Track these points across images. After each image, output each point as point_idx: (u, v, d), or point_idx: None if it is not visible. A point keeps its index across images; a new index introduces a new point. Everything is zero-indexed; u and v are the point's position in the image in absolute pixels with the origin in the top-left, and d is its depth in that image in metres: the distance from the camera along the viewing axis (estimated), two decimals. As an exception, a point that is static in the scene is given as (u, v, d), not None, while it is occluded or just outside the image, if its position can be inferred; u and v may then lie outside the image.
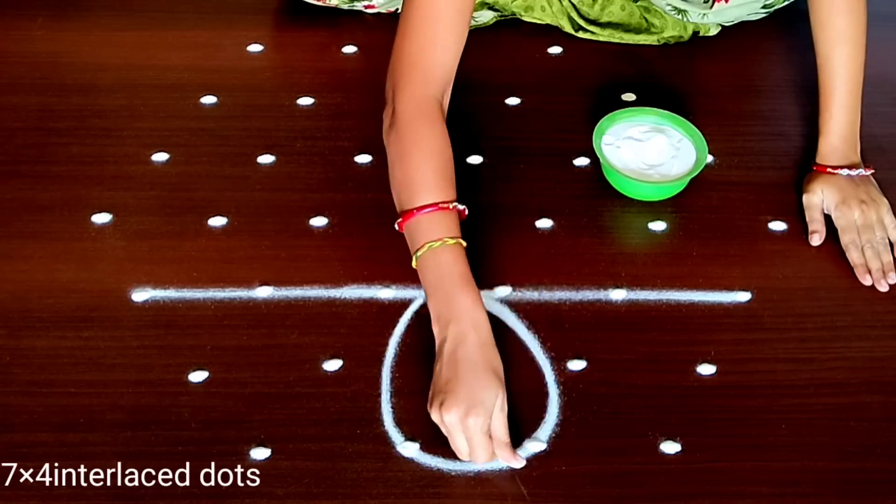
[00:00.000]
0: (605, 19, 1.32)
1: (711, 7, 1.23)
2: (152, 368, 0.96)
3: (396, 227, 0.97)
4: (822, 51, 1.12)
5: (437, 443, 0.90)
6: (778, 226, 1.11)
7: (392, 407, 0.93)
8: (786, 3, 1.27)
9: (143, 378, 0.95)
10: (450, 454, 0.90)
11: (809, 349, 0.99)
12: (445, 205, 0.94)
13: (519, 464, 0.89)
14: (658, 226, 1.10)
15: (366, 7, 1.33)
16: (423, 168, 0.97)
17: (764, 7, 1.27)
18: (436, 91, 1.01)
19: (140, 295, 1.02)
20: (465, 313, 0.90)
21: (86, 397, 0.93)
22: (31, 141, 1.17)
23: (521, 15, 1.33)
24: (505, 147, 1.18)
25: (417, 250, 0.94)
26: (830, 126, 1.12)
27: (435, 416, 0.88)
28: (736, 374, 0.97)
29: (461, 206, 0.97)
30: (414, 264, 0.95)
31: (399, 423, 0.92)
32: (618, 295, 1.03)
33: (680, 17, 1.27)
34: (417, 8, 1.00)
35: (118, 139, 1.18)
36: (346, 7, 1.33)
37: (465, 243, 0.95)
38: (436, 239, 0.93)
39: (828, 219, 1.10)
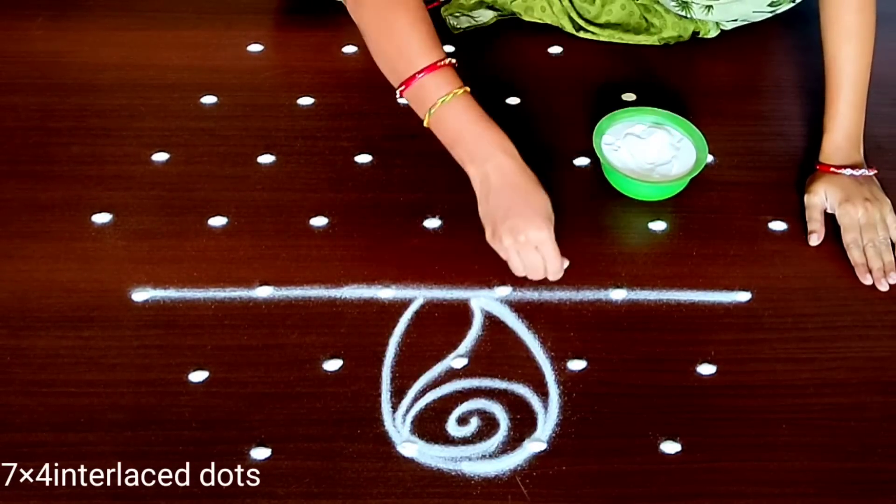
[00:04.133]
0: (605, 19, 1.31)
1: None
2: (152, 368, 0.96)
3: (398, 94, 1.00)
4: (831, 48, 1.12)
5: (437, 442, 0.91)
6: (778, 226, 1.11)
7: (392, 407, 0.93)
8: (792, 4, 1.26)
9: (143, 378, 0.95)
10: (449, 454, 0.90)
11: (809, 349, 0.99)
12: (442, 62, 0.99)
13: (565, 263, 1.00)
14: (658, 226, 1.10)
15: (366, 4, 1.33)
16: (412, 35, 1.00)
17: (770, 5, 1.25)
18: None
19: (140, 295, 1.02)
20: (497, 147, 0.98)
21: (86, 397, 0.93)
22: (31, 141, 1.17)
23: (521, 15, 1.33)
24: (505, 147, 1.18)
25: (431, 108, 0.98)
26: (836, 123, 1.12)
27: (494, 245, 0.98)
28: (736, 374, 0.97)
29: (453, 60, 1.01)
30: (426, 123, 0.99)
31: (399, 423, 0.92)
32: (618, 295, 1.03)
33: (683, 12, 1.27)
34: None
35: (118, 139, 1.18)
36: (346, 2, 1.33)
37: (469, 88, 1.00)
38: (446, 94, 0.98)
39: (829, 218, 1.10)
